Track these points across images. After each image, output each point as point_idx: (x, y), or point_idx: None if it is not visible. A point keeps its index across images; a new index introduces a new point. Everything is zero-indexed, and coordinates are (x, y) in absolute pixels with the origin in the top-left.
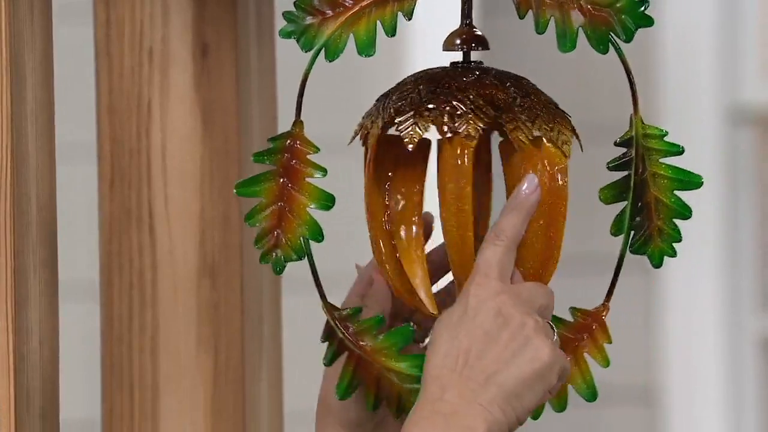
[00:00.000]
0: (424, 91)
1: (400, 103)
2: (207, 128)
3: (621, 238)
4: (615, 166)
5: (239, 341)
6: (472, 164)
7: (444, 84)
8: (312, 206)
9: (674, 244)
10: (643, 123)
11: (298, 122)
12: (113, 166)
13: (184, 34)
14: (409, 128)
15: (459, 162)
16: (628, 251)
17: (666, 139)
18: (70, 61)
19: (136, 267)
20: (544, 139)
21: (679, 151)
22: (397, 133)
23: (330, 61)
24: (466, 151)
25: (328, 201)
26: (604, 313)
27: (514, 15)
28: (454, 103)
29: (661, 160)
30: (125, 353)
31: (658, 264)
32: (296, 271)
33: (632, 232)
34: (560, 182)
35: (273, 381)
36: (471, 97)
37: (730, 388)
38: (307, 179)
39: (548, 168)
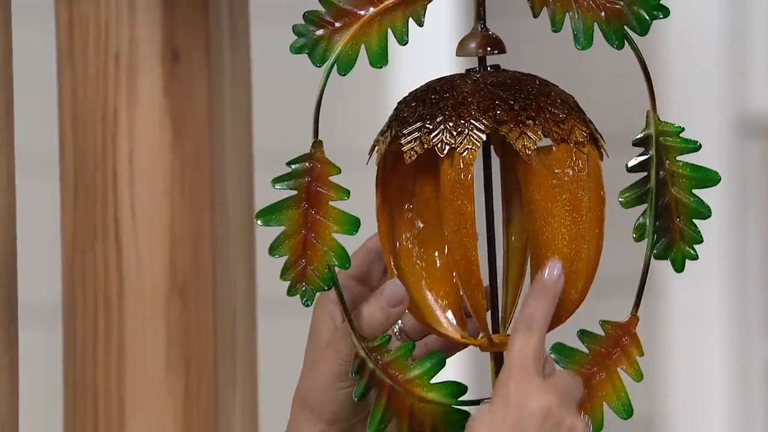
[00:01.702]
0: (428, 103)
1: (405, 116)
2: (177, 137)
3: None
4: (634, 167)
5: (212, 365)
6: (473, 181)
7: (446, 95)
8: (338, 231)
9: (696, 246)
10: (659, 119)
11: (317, 143)
12: (76, 179)
13: (152, 36)
14: (411, 143)
15: (459, 178)
16: (653, 256)
17: (682, 135)
18: (30, 66)
19: (101, 286)
20: (554, 142)
21: (696, 147)
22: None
23: (343, 75)
24: (466, 168)
25: (353, 225)
26: (634, 325)
27: (512, 16)
28: (454, 117)
29: (678, 158)
30: (89, 379)
31: (680, 268)
32: (272, 291)
33: (655, 236)
34: (591, 184)
35: (247, 408)
36: (471, 109)
37: (736, 418)
38: (331, 203)
39: (569, 170)
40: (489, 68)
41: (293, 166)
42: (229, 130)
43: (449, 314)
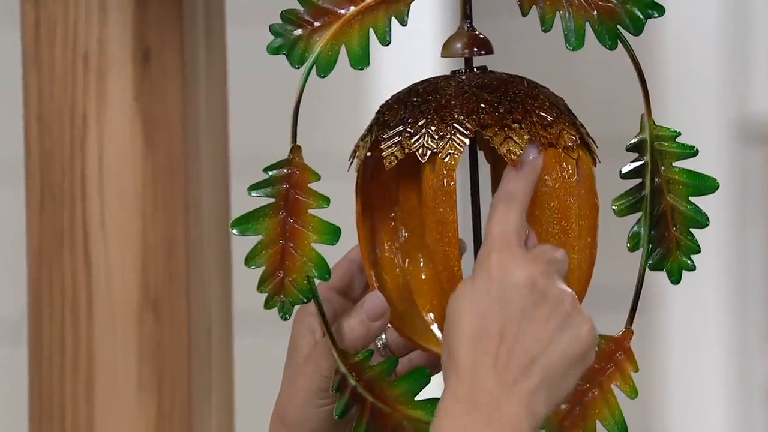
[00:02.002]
0: (410, 107)
1: (386, 120)
2: (149, 141)
3: (603, 263)
4: (628, 173)
5: (185, 382)
6: (456, 187)
7: (428, 98)
8: (317, 241)
9: (693, 257)
10: (654, 123)
11: (295, 148)
12: (43, 185)
13: (123, 36)
14: (391, 148)
15: (441, 185)
16: (647, 267)
17: (678, 140)
18: None
19: (68, 298)
20: (541, 147)
21: (693, 152)
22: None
23: (322, 77)
24: (448, 174)
25: (334, 234)
26: (628, 339)
27: (500, 14)
28: (436, 120)
29: (674, 164)
30: (56, 397)
31: (677, 280)
32: (248, 304)
33: (650, 246)
34: (583, 191)
35: (223, 427)
36: (455, 112)
37: None
38: (310, 211)
39: (558, 177)
40: (475, 70)
41: (270, 173)
42: (204, 134)
43: (434, 328)
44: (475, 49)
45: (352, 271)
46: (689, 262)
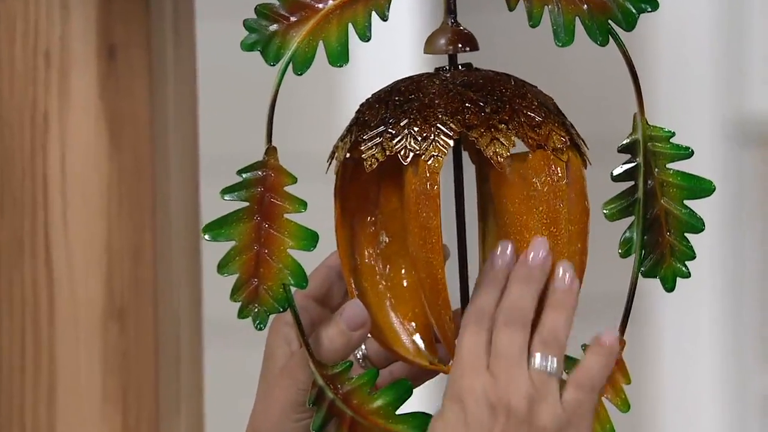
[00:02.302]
0: (392, 106)
1: (366, 120)
2: (114, 142)
3: (593, 270)
4: (620, 175)
5: (152, 394)
6: (439, 191)
7: (411, 97)
8: (293, 247)
9: (687, 263)
10: (647, 123)
11: (270, 149)
12: (2, 187)
13: (87, 32)
14: (372, 149)
15: (424, 188)
16: (640, 274)
17: (673, 140)
18: None
19: (29, 307)
20: (529, 148)
21: (687, 153)
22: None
23: (299, 75)
24: (431, 177)
25: (311, 240)
26: (620, 350)
27: (486, 9)
28: (419, 120)
29: (668, 166)
30: (16, 411)
31: (671, 287)
32: (220, 313)
33: (642, 252)
34: (573, 194)
35: None
36: (438, 112)
37: None
38: (286, 216)
39: (547, 180)
40: (460, 67)
41: (244, 175)
42: (172, 134)
43: (417, 338)
44: (460, 46)
45: (331, 278)
46: (684, 268)
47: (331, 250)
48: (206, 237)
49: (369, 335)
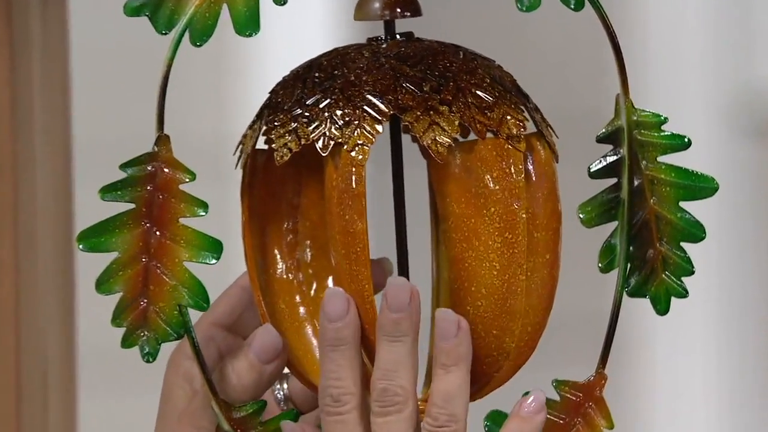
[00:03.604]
0: (310, 84)
1: (279, 101)
2: None
3: (569, 287)
4: (599, 171)
5: None
6: (365, 188)
7: (334, 73)
8: (191, 259)
9: (684, 279)
10: (633, 107)
11: (162, 138)
12: None
13: None
14: (284, 137)
15: (347, 186)
16: (625, 293)
17: (665, 128)
18: None
19: None
20: (478, 135)
21: (684, 144)
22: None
23: (198, 46)
24: (356, 171)
25: (213, 250)
26: (599, 387)
27: None
28: (341, 102)
29: (660, 159)
30: None
31: (663, 309)
32: (99, 341)
33: (628, 265)
34: (539, 193)
35: None
36: (365, 91)
37: None
38: (182, 220)
39: (503, 172)
40: (398, 36)
41: (129, 170)
42: (39, 120)
43: None
44: (398, 10)
45: (244, 301)
46: (679, 286)
47: (241, 264)
48: (81, 247)
49: (287, 369)
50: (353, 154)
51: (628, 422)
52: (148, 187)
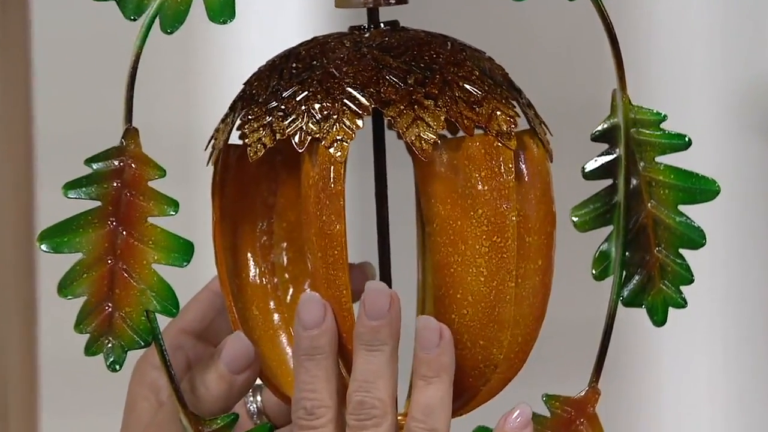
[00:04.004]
0: (287, 76)
1: (254, 93)
2: None
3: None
4: (594, 171)
5: None
6: (343, 188)
7: (313, 63)
8: (160, 261)
9: (683, 288)
10: (631, 103)
11: (130, 131)
12: None
13: None
14: (257, 132)
15: (325, 184)
16: (620, 302)
17: (664, 126)
18: None
19: None
20: (465, 132)
21: (684, 143)
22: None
23: (169, 33)
24: (334, 169)
25: (184, 252)
26: (592, 402)
27: None
28: (320, 95)
29: (658, 159)
30: None
31: (661, 320)
32: (62, 349)
33: (623, 273)
34: (532, 195)
35: None
36: (345, 83)
37: None
38: (150, 220)
39: (492, 171)
40: (382, 26)
41: (95, 166)
42: None
43: None
44: None
45: (216, 306)
46: (677, 296)
47: (212, 267)
48: (43, 248)
49: (260, 380)
50: (332, 150)
51: None
52: (115, 184)
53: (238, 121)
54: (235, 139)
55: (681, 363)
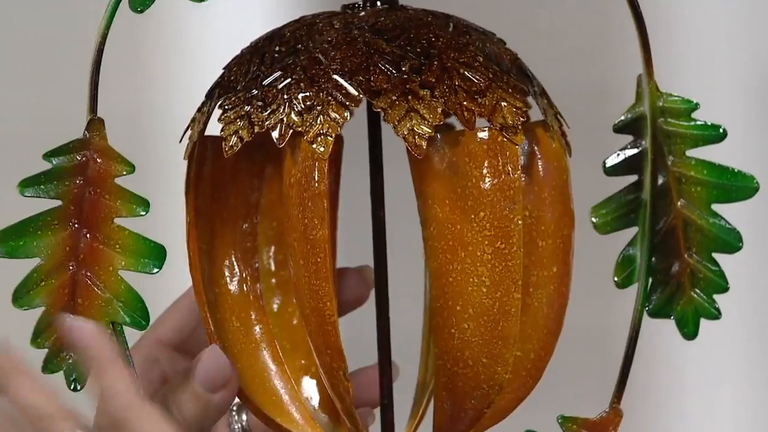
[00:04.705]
0: (269, 61)
1: (232, 80)
2: None
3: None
4: (616, 166)
5: None
6: (326, 187)
7: (298, 47)
8: (128, 267)
9: (716, 297)
10: (658, 90)
11: (95, 122)
12: None
13: None
14: (234, 123)
15: (308, 184)
16: (645, 313)
17: (695, 116)
18: None
19: None
20: (466, 125)
21: (719, 135)
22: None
23: (139, 12)
24: (318, 166)
25: (154, 258)
26: (614, 425)
27: None
28: (303, 83)
29: (689, 153)
30: None
31: (692, 333)
32: None
33: (649, 280)
34: (546, 194)
35: None
36: (331, 70)
37: None
38: (117, 221)
39: (495, 169)
40: (379, 4)
41: (55, 160)
42: None
43: (313, 402)
44: None
45: (196, 315)
46: (711, 306)
47: (188, 273)
48: None
49: (239, 399)
50: (314, 145)
51: None
52: (78, 181)
53: (217, 111)
54: (212, 130)
55: (709, 381)
